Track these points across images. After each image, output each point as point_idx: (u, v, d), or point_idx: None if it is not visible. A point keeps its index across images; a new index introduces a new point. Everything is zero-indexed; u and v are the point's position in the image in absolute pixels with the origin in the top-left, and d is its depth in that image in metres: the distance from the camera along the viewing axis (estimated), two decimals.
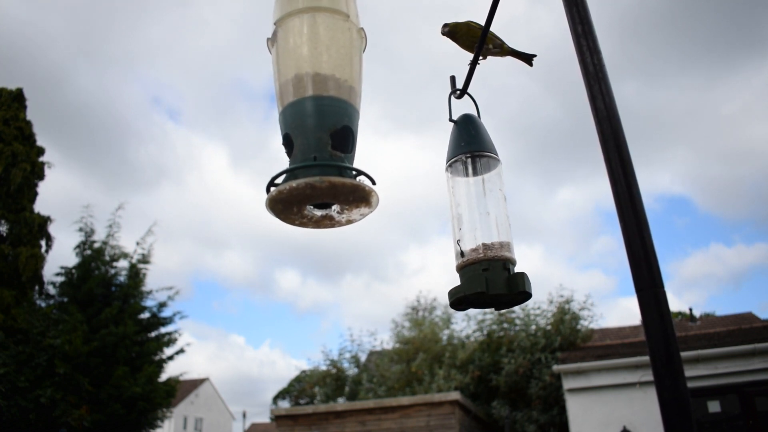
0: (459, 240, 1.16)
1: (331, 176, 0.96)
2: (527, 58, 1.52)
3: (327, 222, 1.09)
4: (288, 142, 1.05)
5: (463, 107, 1.34)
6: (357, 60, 1.11)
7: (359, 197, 1.02)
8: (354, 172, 1.02)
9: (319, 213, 1.07)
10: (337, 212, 1.07)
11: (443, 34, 1.49)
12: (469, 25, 1.45)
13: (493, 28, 1.34)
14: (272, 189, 1.00)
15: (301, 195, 0.98)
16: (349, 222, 1.10)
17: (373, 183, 1.04)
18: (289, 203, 1.01)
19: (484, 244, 1.13)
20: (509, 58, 1.52)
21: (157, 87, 66.68)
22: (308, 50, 1.05)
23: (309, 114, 1.02)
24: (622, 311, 43.71)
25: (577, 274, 52.75)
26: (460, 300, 1.11)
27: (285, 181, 1.00)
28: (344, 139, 1.04)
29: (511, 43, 1.50)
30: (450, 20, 1.49)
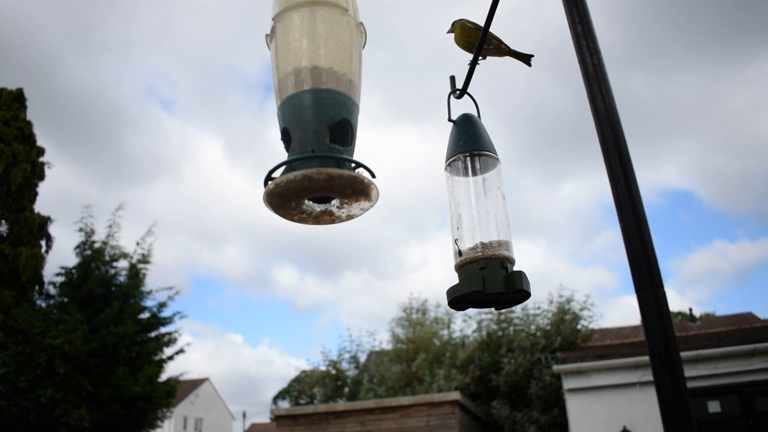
0: (457, 239, 1.16)
1: (329, 168, 0.94)
2: (525, 59, 1.52)
3: (327, 217, 1.07)
4: (286, 137, 1.03)
5: (463, 107, 1.34)
6: (356, 54, 1.10)
7: (358, 190, 0.99)
8: (353, 165, 1.01)
9: (318, 208, 1.05)
10: (337, 207, 1.05)
11: (448, 32, 1.50)
12: (463, 25, 1.45)
13: (500, 17, 1.34)
14: (269, 182, 0.98)
15: (298, 188, 0.96)
16: (349, 217, 1.07)
17: (373, 176, 1.02)
18: (286, 197, 0.99)
19: (482, 243, 1.13)
20: (508, 58, 1.52)
21: (151, 76, 66.16)
22: (306, 44, 1.04)
23: (307, 107, 1.01)
24: (626, 309, 43.62)
25: (579, 270, 52.60)
26: (458, 299, 1.11)
27: (283, 174, 0.98)
28: (343, 132, 1.02)
29: (517, 31, 1.51)
30: (456, 17, 1.50)
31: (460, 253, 1.14)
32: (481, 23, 1.35)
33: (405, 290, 45.63)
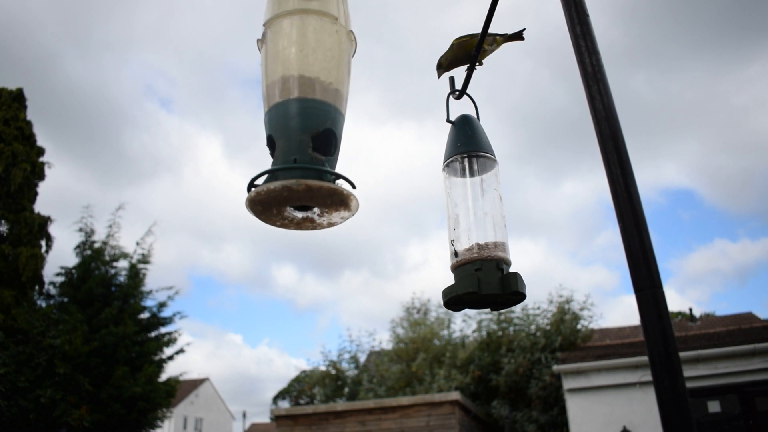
0: (453, 240, 1.16)
1: (308, 179, 0.96)
2: (518, 36, 1.52)
3: (308, 224, 1.09)
4: (271, 144, 1.05)
5: (462, 107, 1.34)
6: (345, 63, 1.10)
7: (337, 201, 1.01)
8: (333, 176, 1.03)
9: (299, 215, 1.07)
10: (318, 215, 1.07)
11: (440, 75, 1.44)
12: (461, 45, 1.42)
13: (500, 15, 1.34)
14: (252, 190, 1.00)
15: (278, 197, 0.98)
16: (330, 225, 1.10)
17: (353, 187, 1.04)
18: (267, 205, 1.01)
19: (478, 244, 1.13)
20: (504, 45, 1.51)
21: (150, 74, 65.94)
22: (295, 52, 1.05)
23: (292, 116, 1.02)
24: (626, 308, 43.54)
25: (579, 269, 52.51)
26: (453, 300, 1.11)
27: (265, 182, 1.00)
28: (326, 142, 1.04)
29: (517, 29, 1.50)
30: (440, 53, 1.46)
31: (456, 254, 1.15)
32: (481, 22, 1.35)
33: (405, 290, 45.62)
